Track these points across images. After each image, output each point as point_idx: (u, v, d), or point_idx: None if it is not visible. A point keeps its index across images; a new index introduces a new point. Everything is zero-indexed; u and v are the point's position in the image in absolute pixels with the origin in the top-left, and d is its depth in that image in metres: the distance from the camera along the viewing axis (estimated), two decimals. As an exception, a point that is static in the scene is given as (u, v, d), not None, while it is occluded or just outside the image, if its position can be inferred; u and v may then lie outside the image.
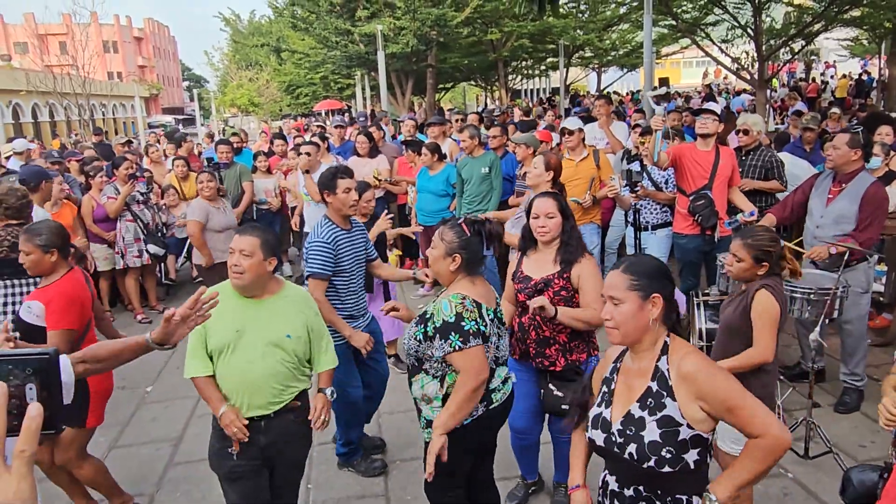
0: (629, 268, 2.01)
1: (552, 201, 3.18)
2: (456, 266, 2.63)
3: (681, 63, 52.37)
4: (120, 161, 6.97)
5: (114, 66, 55.09)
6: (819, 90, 23.74)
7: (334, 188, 3.69)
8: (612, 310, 1.99)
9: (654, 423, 1.92)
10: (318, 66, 24.68)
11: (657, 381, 1.96)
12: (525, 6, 4.78)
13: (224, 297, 2.58)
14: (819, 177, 4.42)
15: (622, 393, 2.04)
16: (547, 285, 3.11)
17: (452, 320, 2.52)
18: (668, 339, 2.00)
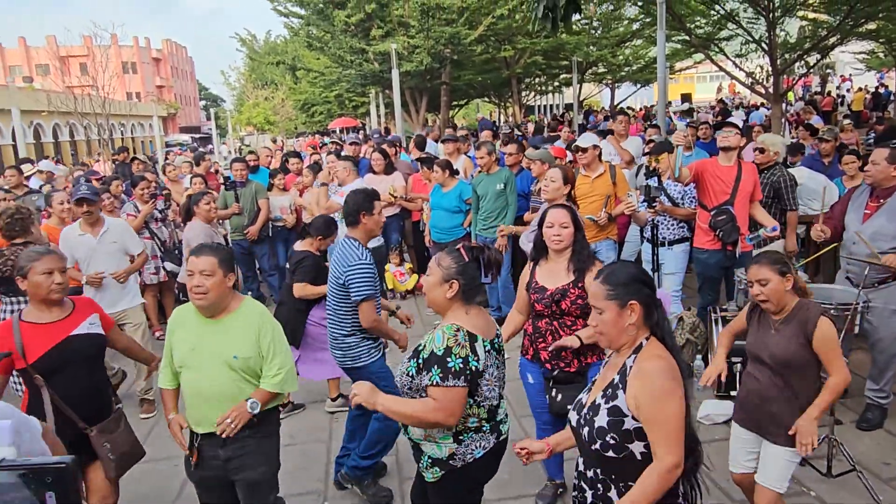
0: (606, 278, 2.14)
1: (566, 212, 3.28)
2: (453, 293, 2.52)
3: (694, 77, 52.29)
4: (138, 180, 7.07)
5: (132, 87, 56.00)
6: (835, 103, 23.59)
7: (371, 209, 3.70)
8: (597, 317, 2.15)
9: (605, 410, 2.09)
10: (332, 84, 24.91)
11: (619, 375, 2.12)
12: (538, 24, 4.80)
13: (187, 315, 2.87)
14: (856, 191, 4.34)
15: (598, 384, 2.23)
16: (563, 295, 3.22)
17: (441, 353, 2.41)
18: (646, 340, 2.13)
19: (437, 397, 2.40)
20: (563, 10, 4.72)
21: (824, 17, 15.75)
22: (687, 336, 4.94)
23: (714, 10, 14.55)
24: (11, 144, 32.77)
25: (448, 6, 16.27)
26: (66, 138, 39.27)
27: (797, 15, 15.23)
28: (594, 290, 2.16)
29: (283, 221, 7.69)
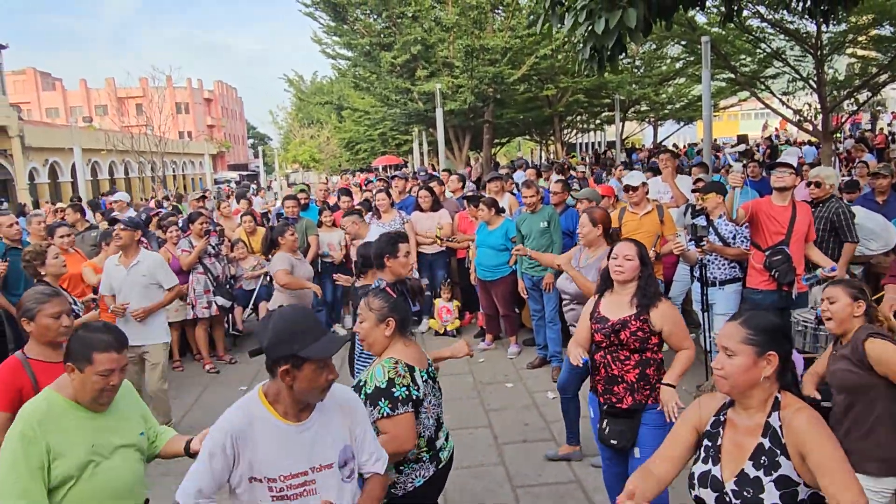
0: (748, 321, 1.98)
1: (632, 245, 3.31)
2: (391, 331, 2.67)
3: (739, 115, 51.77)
4: (196, 216, 7.31)
5: (184, 126, 58.15)
6: (887, 141, 23.04)
7: (395, 252, 3.71)
8: (724, 360, 1.96)
9: (771, 483, 1.87)
10: (377, 123, 25.48)
11: (769, 438, 1.91)
12: (585, 65, 4.86)
13: (60, 416, 2.28)
14: None
15: (731, 450, 1.98)
16: (624, 326, 3.22)
17: (384, 386, 2.54)
18: (780, 395, 1.97)
19: (390, 429, 2.51)
20: (609, 50, 4.77)
21: (874, 54, 15.54)
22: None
23: (760, 48, 14.49)
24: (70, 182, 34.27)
25: (492, 47, 16.56)
26: (121, 175, 40.82)
27: (846, 52, 15.07)
28: (729, 330, 1.99)
29: (331, 257, 7.83)
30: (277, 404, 2.08)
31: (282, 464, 2.05)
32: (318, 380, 2.03)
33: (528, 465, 4.58)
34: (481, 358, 6.96)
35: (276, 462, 2.04)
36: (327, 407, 2.16)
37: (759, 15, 12.90)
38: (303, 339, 2.01)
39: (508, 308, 6.94)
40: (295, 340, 2.00)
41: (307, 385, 2.03)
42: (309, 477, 2.08)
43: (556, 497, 4.13)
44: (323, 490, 2.10)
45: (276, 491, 2.04)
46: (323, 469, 2.11)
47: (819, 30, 12.58)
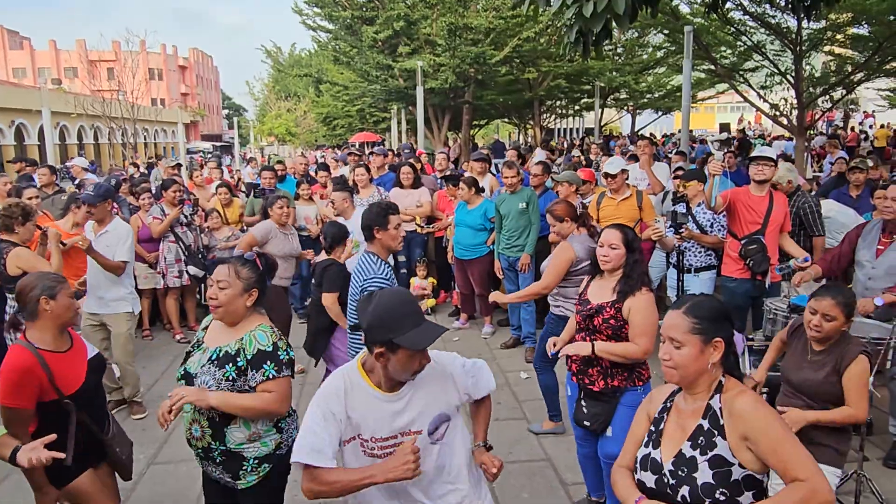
0: (691, 310, 1.96)
1: (618, 233, 3.28)
2: (252, 300, 2.72)
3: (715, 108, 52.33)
4: (169, 183, 7.16)
5: (157, 93, 56.84)
6: (858, 139, 23.50)
7: (386, 224, 3.68)
8: (672, 351, 1.95)
9: (705, 462, 1.87)
10: (356, 98, 25.16)
11: (708, 419, 1.93)
12: (571, 48, 4.83)
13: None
14: (865, 227, 4.35)
15: (673, 433, 2.00)
16: (598, 312, 3.24)
17: (270, 349, 2.62)
18: (724, 378, 1.98)
19: (275, 389, 2.61)
20: (595, 35, 4.76)
21: (850, 53, 15.76)
22: (711, 364, 4.91)
23: (741, 41, 14.60)
24: (37, 145, 33.36)
25: (475, 27, 16.44)
26: (91, 141, 39.86)
27: (823, 50, 15.27)
28: (674, 320, 1.97)
29: (308, 231, 7.75)
30: (372, 375, 2.22)
31: (373, 426, 2.19)
32: (411, 364, 2.13)
33: (499, 444, 4.59)
34: (455, 337, 6.98)
35: (368, 424, 2.19)
36: (424, 377, 2.24)
37: (741, 7, 12.97)
38: (401, 326, 2.08)
39: (484, 288, 6.95)
40: (393, 327, 2.07)
41: (400, 367, 2.13)
42: (397, 440, 2.21)
43: (527, 474, 4.18)
44: None
45: (367, 449, 2.21)
46: (411, 434, 2.23)
47: (799, 25, 12.70)
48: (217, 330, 2.76)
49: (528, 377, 5.70)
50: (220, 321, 2.74)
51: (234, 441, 2.63)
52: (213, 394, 2.56)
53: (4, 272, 4.55)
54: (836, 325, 2.91)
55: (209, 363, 2.63)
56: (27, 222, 4.68)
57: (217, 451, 2.66)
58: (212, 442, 2.65)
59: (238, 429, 2.63)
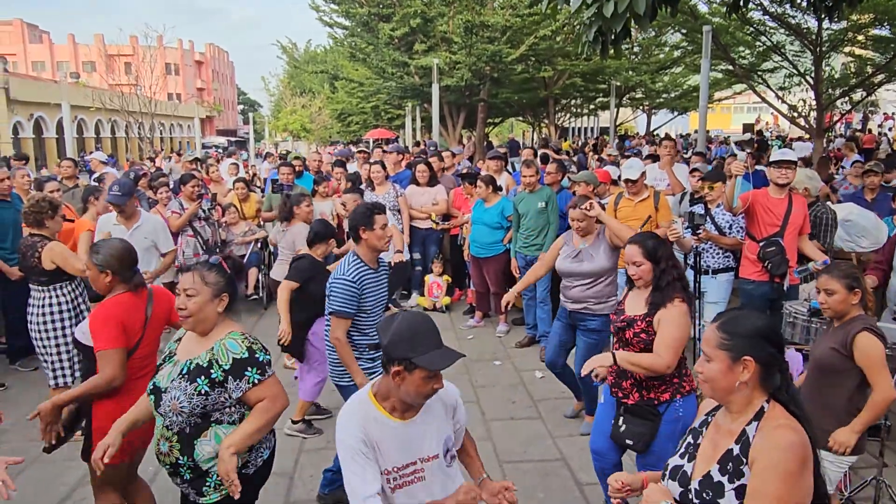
0: (724, 325, 1.91)
1: (637, 248, 3.19)
2: (223, 306, 2.63)
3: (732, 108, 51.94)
4: (188, 178, 7.21)
5: (174, 88, 57.20)
6: (876, 141, 23.24)
7: (371, 224, 3.61)
8: (704, 364, 1.92)
9: (732, 492, 1.81)
10: (371, 95, 25.17)
11: (740, 446, 1.85)
12: (589, 47, 4.82)
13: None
14: None
15: (706, 450, 1.95)
16: (630, 325, 3.19)
17: (247, 355, 2.53)
18: (767, 404, 1.87)
19: (266, 392, 2.56)
20: (615, 35, 4.74)
21: (871, 55, 15.59)
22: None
23: (760, 41, 14.47)
24: (55, 138, 33.71)
25: (492, 24, 16.41)
26: (108, 135, 40.23)
27: (843, 51, 15.11)
28: (708, 334, 1.94)
29: (323, 227, 7.78)
30: (386, 402, 2.25)
31: (394, 457, 2.23)
32: (425, 386, 2.17)
33: (514, 442, 4.63)
34: (470, 335, 6.99)
35: (389, 455, 2.22)
36: (432, 406, 2.32)
37: (761, 7, 12.86)
38: (421, 346, 2.13)
39: (500, 286, 6.95)
40: (413, 346, 2.12)
41: (414, 389, 2.16)
42: (417, 466, 2.27)
43: (541, 474, 4.18)
44: (430, 476, 2.29)
45: (391, 482, 2.23)
46: (430, 460, 2.29)
47: (820, 26, 12.57)
48: (189, 341, 2.67)
49: (543, 376, 5.70)
50: (192, 331, 2.64)
51: (204, 455, 2.55)
52: (226, 446, 2.48)
53: (39, 266, 4.61)
54: (838, 298, 3.03)
55: (179, 378, 2.53)
56: (55, 216, 4.75)
57: (185, 465, 2.57)
58: (179, 457, 2.56)
59: (207, 442, 2.55)
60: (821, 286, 3.08)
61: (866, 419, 2.96)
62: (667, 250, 3.22)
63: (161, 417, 2.59)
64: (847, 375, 2.99)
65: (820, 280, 3.09)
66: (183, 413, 2.52)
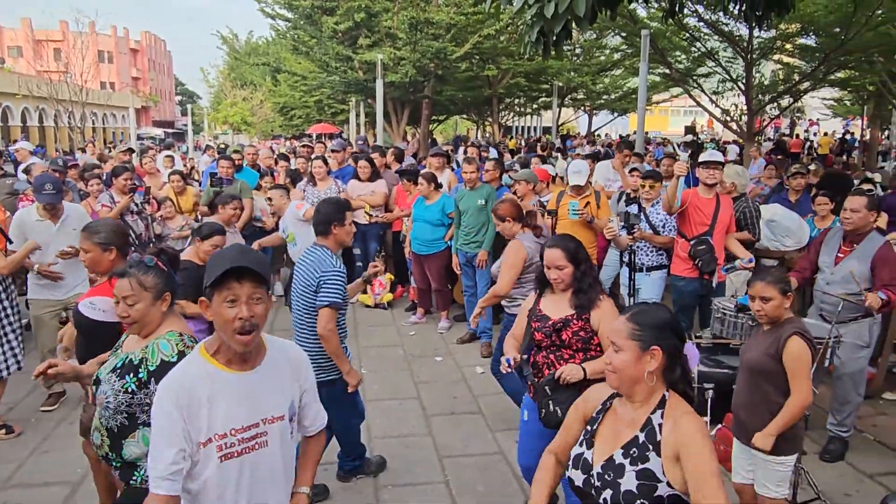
0: (635, 316, 1.99)
1: (559, 252, 3.15)
2: (167, 305, 2.55)
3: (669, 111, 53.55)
4: (120, 171, 6.96)
5: (107, 76, 55.06)
6: (803, 146, 24.38)
7: (343, 220, 3.64)
8: (612, 355, 1.98)
9: (633, 473, 1.91)
10: (314, 89, 24.84)
11: (646, 434, 1.94)
12: (531, 48, 4.88)
13: None
14: (829, 233, 4.51)
15: (607, 437, 2.02)
16: (565, 325, 3.14)
17: (175, 360, 2.37)
18: (667, 394, 1.98)
19: None
20: (556, 35, 4.83)
21: (798, 63, 16.34)
22: (661, 361, 5.05)
23: (695, 46, 14.98)
24: (-23, 125, 31.98)
25: (437, 22, 16.43)
26: (35, 123, 38.40)
27: (773, 58, 15.79)
28: (618, 325, 2.00)
29: (262, 223, 7.64)
30: (219, 355, 2.00)
31: (233, 415, 1.96)
32: (227, 314, 1.89)
33: (454, 437, 4.66)
34: (412, 331, 7.00)
35: (227, 414, 1.95)
36: (276, 360, 2.09)
37: (696, 14, 13.30)
38: (216, 268, 1.90)
39: (441, 283, 6.99)
40: (210, 271, 1.92)
41: (220, 321, 1.91)
42: (260, 429, 2.01)
43: (481, 468, 4.23)
44: (273, 443, 2.04)
45: (225, 449, 1.95)
46: (275, 421, 2.05)
47: (751, 34, 13.11)
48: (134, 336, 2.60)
49: (484, 372, 5.76)
50: (138, 335, 2.55)
51: (131, 455, 2.50)
52: None
53: None
54: (775, 304, 3.08)
55: (111, 372, 2.46)
56: None
57: (114, 460, 2.54)
58: (109, 452, 2.53)
59: (135, 443, 2.49)
60: (756, 294, 3.10)
61: (781, 423, 2.99)
62: (585, 253, 3.21)
63: (98, 410, 2.52)
64: (781, 377, 3.04)
65: (755, 288, 3.11)
66: (108, 409, 2.45)
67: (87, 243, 3.23)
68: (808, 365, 3.03)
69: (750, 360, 3.14)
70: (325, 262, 3.60)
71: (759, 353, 3.10)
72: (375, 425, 4.75)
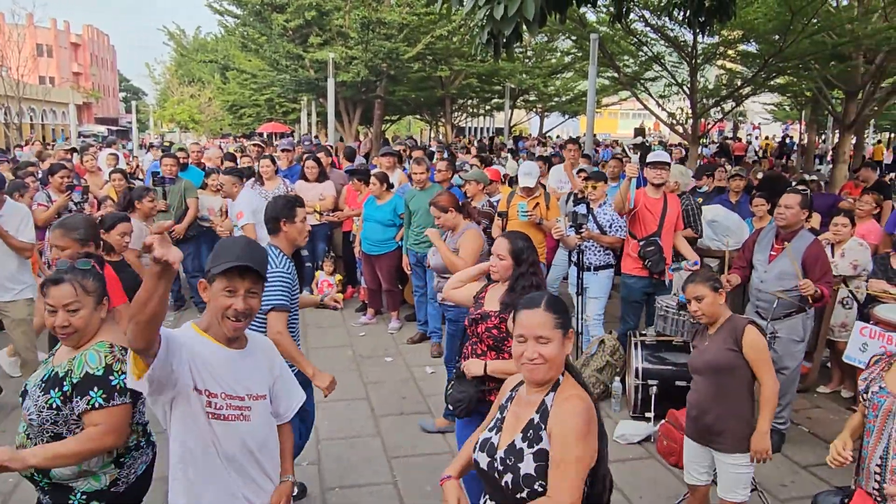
0: (550, 307, 2.01)
1: (506, 243, 3.15)
2: (105, 311, 2.45)
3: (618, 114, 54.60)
4: (57, 168, 6.72)
5: (46, 71, 53.07)
6: (746, 149, 25.20)
7: (293, 217, 3.54)
8: (539, 348, 1.96)
9: (530, 455, 1.94)
10: (264, 87, 24.44)
11: (540, 414, 1.99)
12: (482, 49, 4.93)
13: None
14: (762, 231, 4.66)
15: (511, 422, 2.07)
16: (483, 319, 3.14)
17: (101, 373, 2.29)
18: (562, 376, 2.04)
19: (102, 420, 2.27)
20: (506, 37, 4.86)
21: (740, 69, 16.85)
22: (607, 358, 5.15)
23: (642, 51, 15.29)
24: None
25: (388, 21, 16.35)
26: (-32, 119, 36.67)
27: (716, 64, 16.24)
28: (539, 318, 1.99)
29: (210, 222, 7.48)
30: (210, 332, 2.15)
31: (225, 380, 2.10)
32: (223, 302, 2.08)
33: (403, 437, 4.65)
34: (362, 332, 6.95)
35: (221, 377, 2.09)
36: (255, 346, 2.26)
37: (644, 19, 13.58)
38: (222, 258, 2.09)
39: (392, 283, 6.96)
40: (216, 259, 2.11)
41: (214, 304, 2.09)
42: (245, 403, 2.14)
43: (430, 468, 4.22)
44: (255, 418, 2.17)
45: (213, 407, 2.07)
46: (259, 399, 2.18)
47: (695, 40, 13.44)
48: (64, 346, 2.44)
49: (434, 372, 5.77)
50: (73, 347, 2.38)
51: (60, 475, 2.33)
52: (29, 454, 2.19)
53: None
54: (708, 301, 3.14)
55: (36, 386, 2.31)
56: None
57: (42, 481, 2.36)
58: (34, 473, 2.32)
59: None
60: (689, 296, 3.17)
61: (767, 416, 3.04)
62: (533, 256, 3.17)
63: (23, 423, 2.38)
64: (744, 371, 3.08)
65: (688, 291, 3.18)
66: (33, 426, 2.30)
67: (64, 240, 3.17)
68: (768, 353, 3.10)
69: (710, 362, 3.13)
70: (271, 262, 3.47)
71: (719, 352, 3.10)
72: (323, 427, 4.70)
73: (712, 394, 3.14)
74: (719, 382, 3.13)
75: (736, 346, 3.07)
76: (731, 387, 3.10)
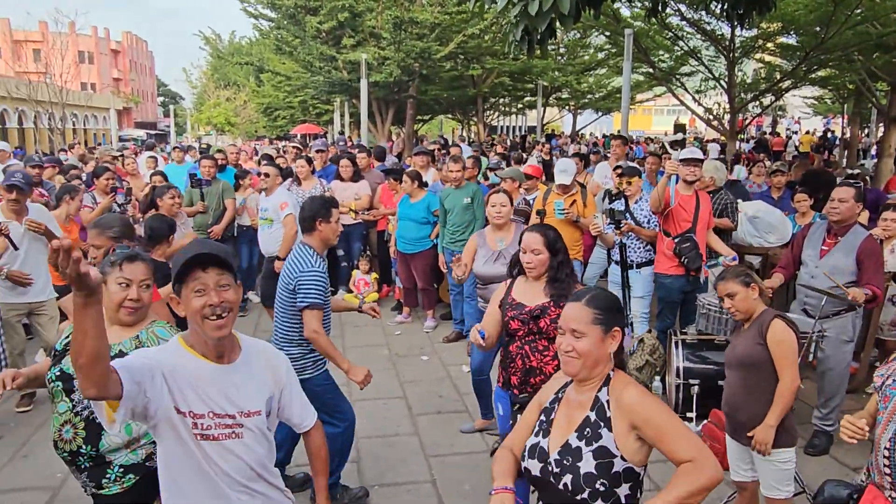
0: (592, 301, 2.02)
1: (538, 237, 3.14)
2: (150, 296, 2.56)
3: (653, 110, 53.90)
4: (102, 171, 6.88)
5: (88, 77, 54.47)
6: (785, 144, 24.61)
7: (329, 217, 3.58)
8: (573, 342, 1.98)
9: (590, 453, 1.92)
10: (298, 89, 24.72)
11: (596, 412, 1.97)
12: (515, 47, 4.89)
13: None
14: (811, 227, 4.52)
15: (561, 424, 2.04)
16: (543, 312, 3.09)
17: None
18: (612, 372, 2.04)
19: None
20: (540, 34, 4.82)
21: (779, 62, 16.48)
22: (647, 357, 5.06)
23: (678, 45, 15.06)
24: (-45, 127, 31.48)
25: (421, 21, 16.40)
26: (14, 125, 37.87)
27: (755, 57, 15.91)
28: (576, 312, 2.00)
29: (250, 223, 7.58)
30: (196, 347, 2.00)
31: (212, 399, 1.96)
32: (196, 304, 1.90)
33: (441, 436, 4.64)
34: (398, 331, 6.97)
35: (207, 395, 1.96)
36: (250, 356, 2.10)
37: (679, 13, 13.37)
38: (177, 265, 1.93)
39: (427, 282, 6.97)
40: (176, 263, 1.94)
41: (191, 312, 1.92)
42: (237, 420, 2.00)
43: (469, 466, 4.21)
44: (249, 437, 2.02)
45: (201, 428, 1.94)
46: (252, 416, 2.04)
47: (733, 33, 13.19)
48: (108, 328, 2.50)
49: (469, 371, 5.74)
50: (131, 324, 2.48)
51: (110, 445, 2.42)
52: None
53: None
54: (741, 297, 3.09)
55: None
56: None
57: (86, 455, 2.42)
58: (82, 445, 2.41)
59: (117, 433, 2.41)
60: (721, 293, 3.14)
61: (777, 412, 2.98)
62: (563, 244, 3.19)
63: (68, 403, 2.45)
64: (767, 364, 3.03)
65: (719, 289, 3.15)
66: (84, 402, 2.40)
67: (100, 238, 3.26)
68: (793, 348, 3.01)
69: (739, 356, 3.12)
70: (305, 261, 3.52)
71: (747, 346, 3.09)
72: (361, 426, 4.69)
73: (742, 389, 3.11)
74: (748, 377, 3.10)
75: (763, 340, 3.03)
76: (761, 381, 3.06)
